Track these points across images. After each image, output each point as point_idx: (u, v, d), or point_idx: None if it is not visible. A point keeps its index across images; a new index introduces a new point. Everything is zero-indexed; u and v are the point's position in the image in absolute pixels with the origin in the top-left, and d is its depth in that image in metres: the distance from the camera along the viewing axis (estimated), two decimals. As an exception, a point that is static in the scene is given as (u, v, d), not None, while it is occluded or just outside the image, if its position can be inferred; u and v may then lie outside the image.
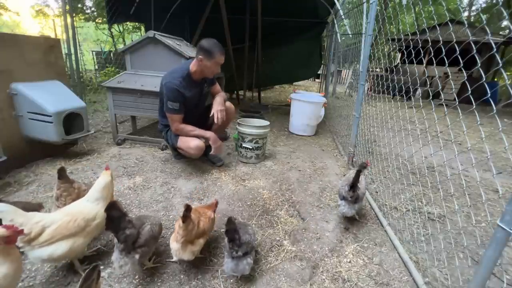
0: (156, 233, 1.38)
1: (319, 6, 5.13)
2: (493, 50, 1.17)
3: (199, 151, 2.42)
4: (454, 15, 14.77)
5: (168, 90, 2.30)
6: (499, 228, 0.98)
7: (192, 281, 1.39)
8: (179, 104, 2.33)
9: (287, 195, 2.33)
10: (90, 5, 11.89)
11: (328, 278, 1.48)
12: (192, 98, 2.47)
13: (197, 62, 2.31)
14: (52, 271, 1.39)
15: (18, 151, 2.39)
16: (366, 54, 2.61)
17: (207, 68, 2.32)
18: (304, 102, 4.11)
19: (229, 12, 4.74)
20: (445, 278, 1.51)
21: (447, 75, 8.86)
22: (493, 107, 1.17)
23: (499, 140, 4.38)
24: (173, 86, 2.29)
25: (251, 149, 2.85)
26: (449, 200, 2.34)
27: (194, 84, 2.45)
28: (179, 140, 2.47)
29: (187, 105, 2.44)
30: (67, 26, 3.93)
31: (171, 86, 2.29)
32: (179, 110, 2.35)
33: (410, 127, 2.90)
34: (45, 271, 1.39)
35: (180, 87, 2.31)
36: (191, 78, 2.41)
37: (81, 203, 1.40)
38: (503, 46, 10.15)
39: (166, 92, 2.32)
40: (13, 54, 2.32)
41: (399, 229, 1.89)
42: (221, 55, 2.30)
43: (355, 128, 2.86)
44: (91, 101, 5.28)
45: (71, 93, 2.72)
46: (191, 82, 2.42)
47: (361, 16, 3.28)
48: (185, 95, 2.35)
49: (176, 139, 2.48)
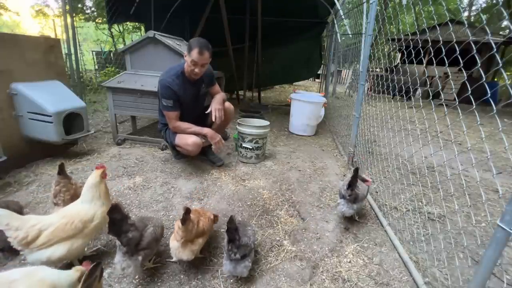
0: (158, 235, 1.37)
1: (319, 6, 5.13)
2: (493, 50, 1.17)
3: (196, 148, 2.41)
4: (454, 15, 14.77)
5: (161, 88, 2.33)
6: (499, 228, 0.98)
7: (192, 281, 1.39)
8: (173, 102, 2.33)
9: (287, 195, 2.33)
10: (90, 5, 11.90)
11: (328, 278, 1.48)
12: (188, 98, 2.45)
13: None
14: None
15: (18, 151, 2.39)
16: (366, 54, 2.61)
17: (187, 65, 2.29)
18: (304, 102, 4.11)
19: (229, 12, 4.74)
20: (445, 278, 1.51)
21: (447, 75, 8.86)
22: (493, 107, 1.17)
23: (499, 140, 4.38)
24: (165, 83, 2.30)
25: (251, 149, 2.85)
26: (449, 200, 2.34)
27: (189, 83, 2.44)
28: (176, 137, 2.47)
29: (184, 105, 2.44)
30: (67, 26, 3.93)
31: (163, 84, 2.31)
32: (173, 107, 2.35)
33: (410, 127, 2.90)
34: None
35: (173, 84, 2.31)
36: (185, 77, 2.40)
37: (77, 205, 1.39)
38: (503, 46, 10.15)
39: (159, 90, 2.35)
40: (13, 54, 2.32)
41: (399, 229, 1.89)
42: (197, 53, 2.17)
43: (355, 128, 2.86)
44: (91, 101, 5.28)
45: (71, 93, 2.72)
46: (186, 81, 2.41)
47: (361, 16, 3.28)
48: (178, 93, 2.34)
49: (174, 137, 2.48)
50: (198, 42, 2.21)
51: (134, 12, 4.51)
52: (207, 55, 2.24)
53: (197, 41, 2.23)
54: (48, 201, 1.96)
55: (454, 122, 1.55)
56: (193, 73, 2.31)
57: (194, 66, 2.25)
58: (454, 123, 1.58)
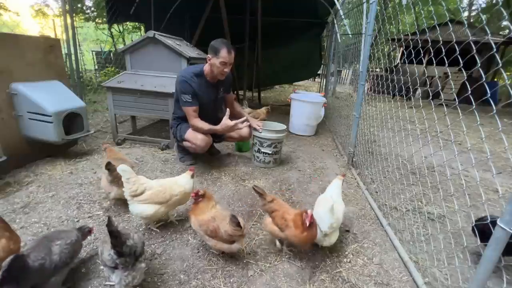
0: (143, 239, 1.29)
1: (319, 6, 5.13)
2: (493, 50, 1.17)
3: (205, 144, 2.43)
4: (454, 15, 14.76)
5: (178, 83, 2.39)
6: (499, 228, 0.98)
7: (192, 281, 1.39)
8: (191, 96, 2.36)
9: (287, 195, 2.33)
10: (90, 5, 11.89)
11: (328, 278, 1.48)
12: (207, 99, 2.49)
13: (207, 62, 2.36)
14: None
15: (18, 151, 2.39)
16: (366, 54, 2.61)
17: (215, 67, 2.33)
18: (304, 102, 4.11)
19: (229, 12, 4.74)
20: (445, 278, 1.51)
21: (447, 75, 8.85)
22: (493, 107, 1.17)
23: (499, 140, 4.38)
24: (182, 78, 2.36)
25: (270, 154, 2.80)
26: (449, 200, 2.34)
27: (209, 84, 2.48)
28: (188, 131, 2.48)
29: (203, 106, 2.47)
30: (67, 26, 3.93)
31: (180, 78, 2.36)
32: (192, 102, 2.38)
33: (410, 127, 2.89)
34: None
35: (189, 79, 2.36)
36: (204, 78, 2.44)
37: (172, 180, 1.76)
38: (503, 46, 10.14)
39: (177, 85, 2.40)
40: (13, 54, 2.32)
41: (399, 229, 1.89)
42: (226, 53, 2.25)
43: (355, 128, 2.86)
44: (91, 101, 5.28)
45: (71, 93, 2.72)
46: (205, 81, 2.45)
47: (361, 16, 3.28)
48: (196, 90, 2.37)
49: (186, 130, 2.49)
50: (223, 43, 2.27)
51: (134, 12, 4.52)
52: (233, 54, 2.31)
53: (222, 42, 2.28)
54: (48, 201, 1.96)
55: (454, 122, 1.55)
56: (222, 73, 2.36)
57: (223, 66, 2.31)
58: (454, 123, 1.58)
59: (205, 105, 2.49)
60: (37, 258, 1.09)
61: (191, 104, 2.38)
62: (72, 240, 1.26)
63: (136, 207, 1.61)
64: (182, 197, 1.73)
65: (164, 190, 1.65)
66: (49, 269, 1.11)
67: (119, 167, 1.59)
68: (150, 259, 1.52)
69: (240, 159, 3.05)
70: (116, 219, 1.83)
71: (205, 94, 2.47)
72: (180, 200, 1.74)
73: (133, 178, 1.60)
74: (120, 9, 4.72)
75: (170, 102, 2.88)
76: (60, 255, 1.16)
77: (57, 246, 1.18)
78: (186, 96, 2.35)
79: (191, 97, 2.36)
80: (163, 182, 1.73)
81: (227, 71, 2.38)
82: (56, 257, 1.15)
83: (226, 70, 2.36)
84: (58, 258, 1.15)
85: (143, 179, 1.67)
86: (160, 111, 3.02)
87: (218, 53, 2.25)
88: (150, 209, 1.61)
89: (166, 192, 1.65)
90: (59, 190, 2.12)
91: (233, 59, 2.34)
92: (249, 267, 1.52)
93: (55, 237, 1.23)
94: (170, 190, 1.67)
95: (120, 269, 1.14)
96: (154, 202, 1.61)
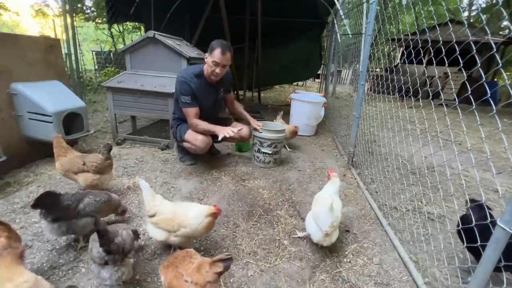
0: (132, 236, 1.31)
1: (319, 6, 5.13)
2: (493, 50, 1.17)
3: (205, 145, 2.43)
4: (454, 15, 14.76)
5: (177, 83, 2.38)
6: (499, 228, 0.98)
7: (192, 281, 1.39)
8: (191, 98, 2.36)
9: (287, 195, 2.33)
10: (90, 5, 11.89)
11: (328, 278, 1.48)
12: (207, 100, 2.48)
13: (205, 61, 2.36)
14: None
15: (18, 151, 2.39)
16: (366, 54, 2.61)
17: (208, 66, 2.32)
18: (304, 102, 4.11)
19: (229, 12, 4.73)
20: (445, 278, 1.51)
21: (447, 75, 8.84)
22: (493, 107, 1.17)
23: (499, 140, 4.38)
24: (181, 79, 2.35)
25: (270, 154, 2.80)
26: (449, 200, 2.34)
27: (209, 85, 2.47)
28: (188, 132, 2.48)
29: (203, 107, 2.46)
30: (67, 26, 3.93)
31: (180, 79, 2.36)
32: (191, 103, 2.38)
33: (410, 127, 2.89)
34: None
35: (189, 80, 2.35)
36: (204, 78, 2.44)
37: (188, 209, 1.49)
38: (503, 46, 10.14)
39: (176, 86, 2.39)
40: (13, 54, 2.32)
41: (399, 229, 1.89)
42: (220, 54, 2.21)
43: (355, 128, 2.86)
44: (91, 101, 5.28)
45: (71, 93, 2.72)
46: (205, 82, 2.44)
47: (361, 16, 3.28)
48: (195, 91, 2.37)
49: (186, 131, 2.49)
50: (220, 43, 2.25)
51: (134, 12, 4.51)
52: (229, 56, 2.28)
53: (219, 42, 2.27)
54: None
55: (454, 122, 1.55)
56: (214, 74, 2.33)
57: (215, 67, 2.28)
58: (454, 123, 1.58)
59: (205, 106, 2.49)
60: (67, 200, 1.43)
61: (190, 106, 2.38)
62: (102, 199, 1.56)
63: (149, 227, 1.50)
64: (192, 232, 1.45)
65: (173, 218, 1.44)
66: (73, 212, 1.43)
67: (140, 180, 1.51)
68: (150, 259, 1.52)
69: (240, 159, 3.05)
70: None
71: (205, 95, 2.46)
72: (192, 233, 1.46)
73: (150, 197, 1.48)
74: (120, 9, 4.71)
75: (170, 102, 2.88)
76: (85, 206, 1.47)
77: (88, 198, 1.50)
78: (186, 97, 2.35)
79: (191, 98, 2.36)
80: (177, 208, 1.50)
81: (218, 72, 2.30)
82: (82, 205, 1.46)
83: (217, 71, 2.29)
84: (82, 207, 1.46)
85: (159, 199, 1.50)
86: (160, 111, 3.02)
87: (212, 52, 2.25)
88: (160, 234, 1.46)
89: (175, 221, 1.43)
90: (59, 190, 2.12)
91: (229, 61, 2.31)
92: (249, 267, 1.52)
93: (92, 193, 1.57)
94: (179, 219, 1.44)
95: (110, 265, 1.18)
96: (162, 228, 1.45)
